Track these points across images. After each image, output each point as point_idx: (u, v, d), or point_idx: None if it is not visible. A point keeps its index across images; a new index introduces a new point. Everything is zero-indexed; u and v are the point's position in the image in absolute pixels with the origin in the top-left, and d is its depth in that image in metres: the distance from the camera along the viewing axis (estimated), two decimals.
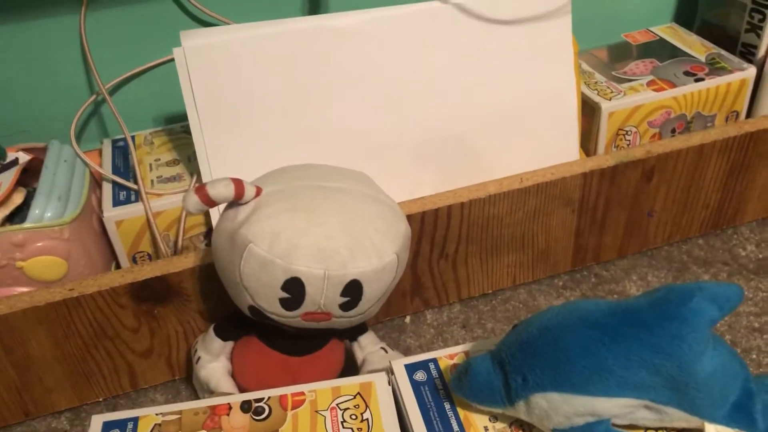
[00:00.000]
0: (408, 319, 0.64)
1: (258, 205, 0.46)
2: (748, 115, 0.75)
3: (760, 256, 0.68)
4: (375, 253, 0.46)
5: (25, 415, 0.56)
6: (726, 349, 0.42)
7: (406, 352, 0.60)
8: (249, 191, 0.46)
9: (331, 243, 0.45)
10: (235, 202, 0.46)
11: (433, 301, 0.64)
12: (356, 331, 0.55)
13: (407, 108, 0.61)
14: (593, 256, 0.67)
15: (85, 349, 0.54)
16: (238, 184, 0.45)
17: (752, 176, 0.67)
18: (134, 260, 0.63)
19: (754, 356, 0.58)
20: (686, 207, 0.67)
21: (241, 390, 0.53)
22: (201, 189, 0.45)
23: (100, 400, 0.58)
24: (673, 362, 0.39)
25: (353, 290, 0.46)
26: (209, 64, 0.57)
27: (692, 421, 0.41)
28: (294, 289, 0.45)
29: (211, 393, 0.53)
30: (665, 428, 0.43)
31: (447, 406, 0.45)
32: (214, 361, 0.53)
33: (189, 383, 0.59)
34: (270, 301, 0.46)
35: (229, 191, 0.45)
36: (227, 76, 0.58)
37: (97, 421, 0.45)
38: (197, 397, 0.56)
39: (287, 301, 0.45)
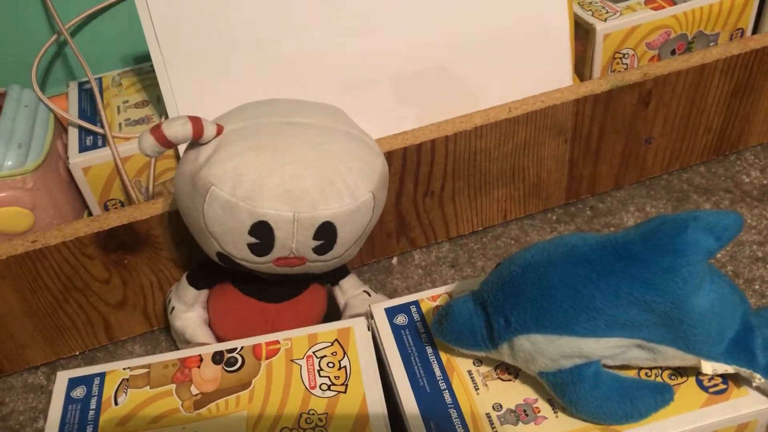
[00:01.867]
0: (395, 260, 0.61)
1: (219, 145, 0.43)
2: (754, 33, 0.70)
3: (765, 182, 0.64)
4: (348, 193, 0.43)
5: (0, 372, 0.55)
6: (724, 282, 0.39)
7: (393, 295, 0.58)
8: (209, 130, 0.42)
9: (299, 183, 0.42)
10: (195, 142, 0.43)
11: (421, 241, 0.61)
12: (337, 274, 0.52)
13: (385, 36, 0.57)
14: (588, 187, 0.64)
15: (55, 302, 0.52)
16: (196, 122, 0.42)
17: (757, 97, 0.63)
18: (106, 208, 0.61)
19: (757, 287, 0.55)
20: (686, 132, 0.63)
21: (219, 340, 0.51)
22: (156, 129, 0.42)
23: (77, 354, 0.56)
24: (666, 298, 0.36)
25: (326, 233, 0.43)
26: None
27: (688, 360, 0.39)
28: (262, 234, 0.42)
29: (188, 344, 0.51)
30: (659, 368, 0.41)
31: (429, 350, 0.43)
32: (189, 311, 0.51)
33: (168, 333, 0.57)
34: (238, 247, 0.43)
35: (186, 130, 0.42)
36: (191, 9, 0.54)
37: (62, 378, 0.43)
38: (177, 348, 0.55)
39: (256, 247, 0.43)
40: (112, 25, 0.67)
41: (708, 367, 0.38)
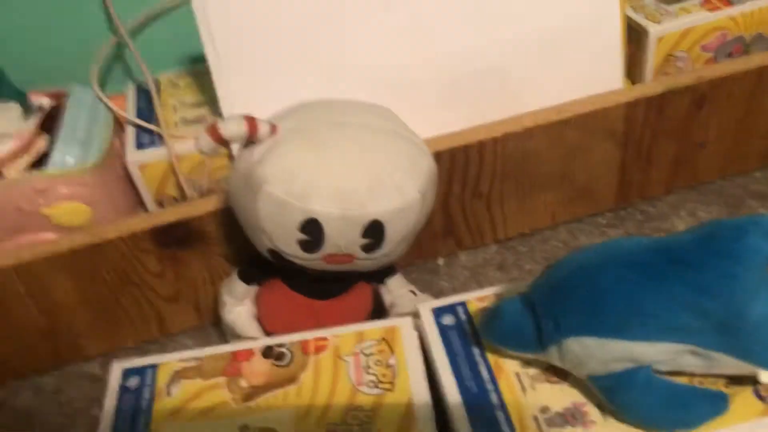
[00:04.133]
0: (441, 261, 0.61)
1: (273, 144, 0.44)
2: None
3: None
4: (397, 192, 0.43)
5: (58, 361, 0.56)
6: None
7: (439, 295, 0.58)
8: (263, 129, 0.43)
9: (349, 182, 0.42)
10: (250, 140, 0.44)
11: (468, 242, 0.61)
12: (384, 273, 0.53)
13: (435, 38, 0.57)
14: (639, 191, 0.63)
15: (111, 295, 0.54)
16: (251, 121, 0.43)
17: None
18: (161, 205, 0.62)
19: None
20: (742, 137, 0.62)
21: (267, 334, 0.52)
22: (212, 128, 0.43)
23: (131, 346, 0.58)
24: (722, 304, 0.35)
25: (375, 231, 0.43)
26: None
27: (744, 368, 0.38)
28: (312, 231, 0.43)
29: (238, 338, 0.52)
30: (713, 375, 0.40)
31: (476, 351, 0.43)
32: (239, 306, 0.52)
33: (218, 328, 0.58)
34: (288, 244, 0.44)
35: (241, 129, 0.43)
36: (246, 12, 0.55)
37: (117, 368, 0.44)
38: (226, 342, 0.56)
39: (306, 244, 0.43)
40: (171, 27, 0.69)
41: (765, 376, 0.37)
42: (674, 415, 0.38)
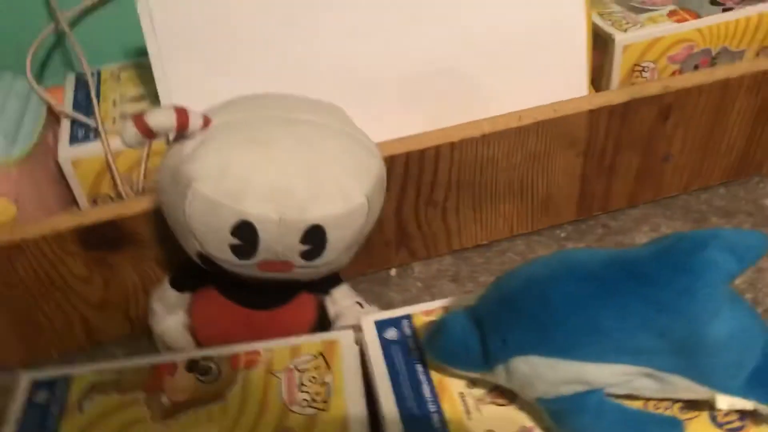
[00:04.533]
0: (393, 271, 0.58)
1: (205, 138, 0.40)
2: None
3: None
4: (340, 195, 0.40)
5: None
6: (745, 309, 0.36)
7: (388, 308, 0.54)
8: (195, 121, 0.40)
9: (288, 182, 0.39)
10: (181, 134, 0.40)
11: (421, 253, 0.58)
12: (328, 283, 0.49)
13: (393, 38, 0.54)
14: (600, 204, 0.60)
15: (32, 300, 0.49)
16: (181, 112, 0.39)
17: None
18: (96, 204, 0.58)
19: None
20: (707, 151, 0.60)
21: (200, 347, 0.48)
22: (139, 118, 0.39)
23: (54, 355, 0.53)
24: (680, 323, 0.33)
25: (315, 237, 0.40)
26: None
27: (701, 392, 0.35)
28: (245, 235, 0.39)
29: (169, 349, 0.48)
30: (669, 399, 0.37)
31: (420, 369, 0.40)
32: (170, 315, 0.48)
33: (151, 337, 0.54)
34: (219, 248, 0.40)
35: (170, 120, 0.39)
36: (191, 4, 0.52)
37: (25, 380, 0.40)
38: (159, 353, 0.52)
39: (239, 249, 0.40)
40: (115, 17, 0.65)
41: (724, 401, 0.35)
42: None
